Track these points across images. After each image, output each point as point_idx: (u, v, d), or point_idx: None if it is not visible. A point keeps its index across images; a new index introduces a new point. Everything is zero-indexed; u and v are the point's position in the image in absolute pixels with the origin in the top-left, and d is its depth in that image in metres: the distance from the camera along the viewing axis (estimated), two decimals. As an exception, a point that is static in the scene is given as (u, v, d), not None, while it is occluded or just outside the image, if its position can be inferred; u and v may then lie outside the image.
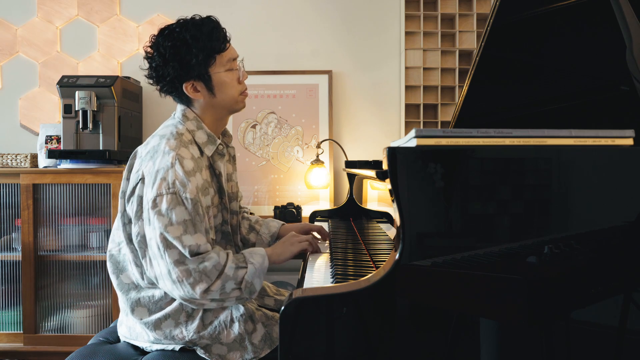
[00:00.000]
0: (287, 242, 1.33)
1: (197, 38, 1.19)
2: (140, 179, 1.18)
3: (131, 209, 1.19)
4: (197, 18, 1.24)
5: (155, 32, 1.25)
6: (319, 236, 1.59)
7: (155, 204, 1.12)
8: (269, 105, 2.56)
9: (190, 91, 1.24)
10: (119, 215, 1.25)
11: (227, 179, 1.39)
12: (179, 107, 1.30)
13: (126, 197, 1.22)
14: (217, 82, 1.24)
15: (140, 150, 1.25)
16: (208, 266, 1.10)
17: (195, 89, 1.24)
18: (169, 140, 1.19)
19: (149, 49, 1.25)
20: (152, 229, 1.12)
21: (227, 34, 1.27)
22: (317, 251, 1.40)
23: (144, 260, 1.18)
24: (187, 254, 1.10)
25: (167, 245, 1.10)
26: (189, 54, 1.19)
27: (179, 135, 1.21)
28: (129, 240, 1.22)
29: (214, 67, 1.24)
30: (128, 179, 1.24)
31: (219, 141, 1.29)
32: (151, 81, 1.27)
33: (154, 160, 1.17)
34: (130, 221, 1.21)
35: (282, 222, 1.61)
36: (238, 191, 1.45)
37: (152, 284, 1.22)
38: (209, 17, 1.25)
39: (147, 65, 1.26)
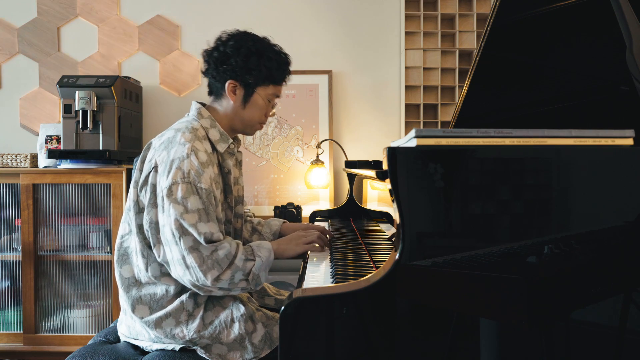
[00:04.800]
0: (292, 242, 1.35)
1: (270, 59, 1.30)
2: (153, 168, 1.22)
3: (144, 197, 1.23)
4: (279, 48, 1.34)
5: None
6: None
7: (170, 191, 1.16)
8: (269, 105, 2.55)
9: (230, 89, 1.30)
10: (129, 204, 1.27)
11: (234, 182, 1.40)
12: (194, 106, 1.34)
13: (139, 187, 1.25)
14: (254, 100, 1.33)
15: (155, 142, 1.30)
16: (221, 255, 1.15)
17: (234, 91, 1.31)
18: (184, 134, 1.24)
19: (227, 35, 1.33)
20: (167, 215, 1.16)
21: (290, 76, 1.38)
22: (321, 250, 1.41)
23: (155, 248, 1.20)
24: (202, 240, 1.14)
25: (183, 231, 1.14)
26: (255, 65, 1.29)
27: (193, 130, 1.26)
28: (139, 229, 1.24)
29: (261, 90, 1.32)
30: (141, 169, 1.28)
31: (230, 140, 1.34)
32: (206, 57, 1.33)
33: (168, 150, 1.21)
34: (142, 210, 1.24)
35: (283, 220, 1.65)
36: (243, 195, 1.48)
37: (154, 279, 1.23)
38: (286, 54, 1.35)
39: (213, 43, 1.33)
